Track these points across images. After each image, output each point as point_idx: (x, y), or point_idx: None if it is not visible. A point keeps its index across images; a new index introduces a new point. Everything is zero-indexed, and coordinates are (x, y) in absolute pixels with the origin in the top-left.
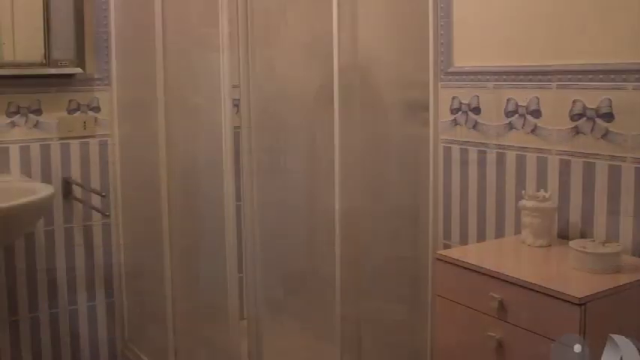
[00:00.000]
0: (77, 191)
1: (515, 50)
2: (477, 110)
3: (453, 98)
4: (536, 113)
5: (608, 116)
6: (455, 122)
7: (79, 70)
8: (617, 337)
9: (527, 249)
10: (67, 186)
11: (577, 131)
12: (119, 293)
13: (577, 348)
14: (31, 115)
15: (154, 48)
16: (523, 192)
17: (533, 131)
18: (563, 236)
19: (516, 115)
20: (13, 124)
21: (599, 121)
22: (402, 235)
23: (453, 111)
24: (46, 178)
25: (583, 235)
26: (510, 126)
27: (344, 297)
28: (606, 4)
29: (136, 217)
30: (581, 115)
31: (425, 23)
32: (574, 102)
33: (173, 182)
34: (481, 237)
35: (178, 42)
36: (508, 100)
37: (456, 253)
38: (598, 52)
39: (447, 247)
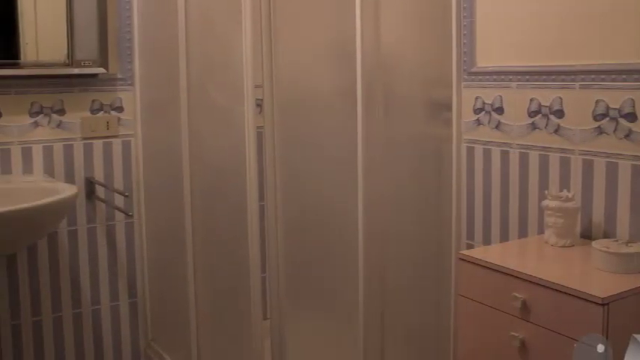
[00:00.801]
0: (100, 191)
1: (539, 50)
2: (500, 110)
3: (476, 98)
4: (559, 113)
5: (631, 116)
6: (478, 122)
7: (102, 70)
8: None
9: (551, 249)
10: (90, 186)
11: (600, 131)
12: (142, 293)
13: (600, 348)
14: (54, 115)
15: (177, 48)
16: (546, 192)
17: (556, 131)
18: (587, 236)
19: (539, 115)
20: (36, 124)
21: (622, 121)
22: (424, 234)
23: (476, 111)
24: (69, 178)
25: (606, 235)
26: (533, 126)
27: (366, 296)
28: (630, 4)
29: (159, 216)
30: (604, 115)
31: (448, 23)
32: (597, 102)
33: (196, 182)
34: (504, 237)
35: (201, 42)
36: (531, 100)
37: (478, 253)
38: (621, 52)
39: (469, 247)
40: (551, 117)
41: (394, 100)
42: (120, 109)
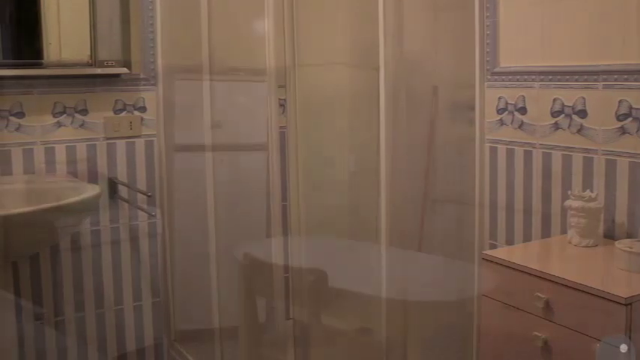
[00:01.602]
0: (123, 191)
1: (561, 50)
2: (523, 110)
3: (499, 98)
4: (582, 113)
5: None
6: (501, 122)
7: (125, 70)
8: None
9: (573, 249)
10: (113, 186)
11: (623, 131)
12: (165, 293)
13: (623, 348)
14: (77, 115)
15: (200, 48)
16: (569, 192)
17: (579, 131)
18: (609, 236)
19: (562, 115)
20: (59, 124)
21: None
22: (448, 234)
23: (499, 111)
24: (92, 178)
25: (629, 235)
26: (556, 126)
27: (389, 296)
28: None
29: (182, 216)
30: (627, 115)
31: (471, 23)
32: (620, 102)
33: (219, 182)
34: (527, 237)
35: (224, 41)
36: (554, 100)
37: (502, 253)
38: None
39: (492, 247)
40: (574, 117)
41: (417, 100)
42: (143, 109)
